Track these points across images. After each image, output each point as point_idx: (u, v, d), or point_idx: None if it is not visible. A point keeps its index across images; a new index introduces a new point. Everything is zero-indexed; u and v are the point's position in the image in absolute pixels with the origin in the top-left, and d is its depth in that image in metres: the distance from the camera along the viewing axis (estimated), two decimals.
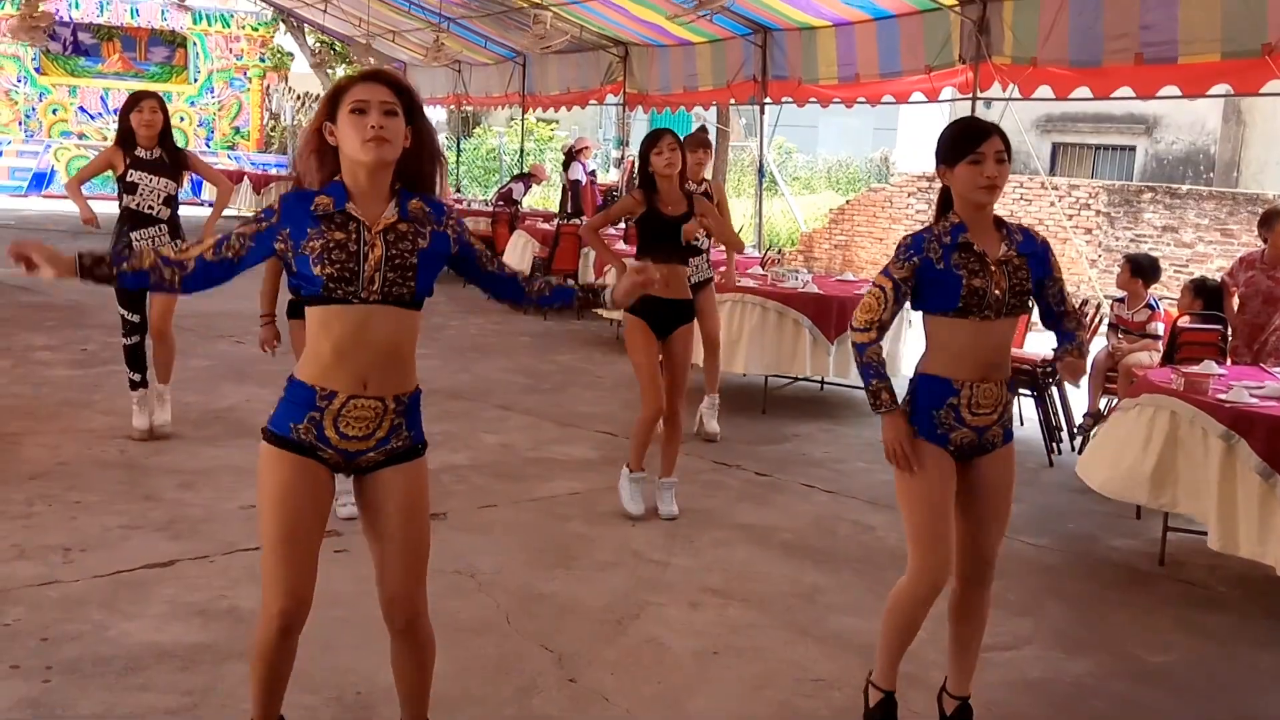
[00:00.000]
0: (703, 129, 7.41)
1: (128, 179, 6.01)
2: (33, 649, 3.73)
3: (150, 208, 6.06)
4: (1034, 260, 3.24)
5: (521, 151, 19.57)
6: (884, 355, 3.27)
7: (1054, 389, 7.13)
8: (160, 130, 6.05)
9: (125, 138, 6.03)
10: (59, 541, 4.70)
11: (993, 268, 3.15)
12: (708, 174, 7.68)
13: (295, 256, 2.66)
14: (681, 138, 7.21)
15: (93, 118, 23.22)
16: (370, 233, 2.66)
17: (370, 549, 2.84)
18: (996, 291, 3.14)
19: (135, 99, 6.07)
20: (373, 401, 2.69)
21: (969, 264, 3.14)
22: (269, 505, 2.72)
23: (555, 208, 17.13)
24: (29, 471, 5.59)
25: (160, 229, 6.09)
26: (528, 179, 15.69)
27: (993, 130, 3.14)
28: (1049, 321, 3.39)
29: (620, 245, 8.89)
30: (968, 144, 3.12)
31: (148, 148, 6.04)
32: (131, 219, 6.07)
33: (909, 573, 3.25)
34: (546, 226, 12.03)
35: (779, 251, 14.81)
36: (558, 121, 30.48)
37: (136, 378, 6.22)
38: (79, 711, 3.35)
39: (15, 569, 4.40)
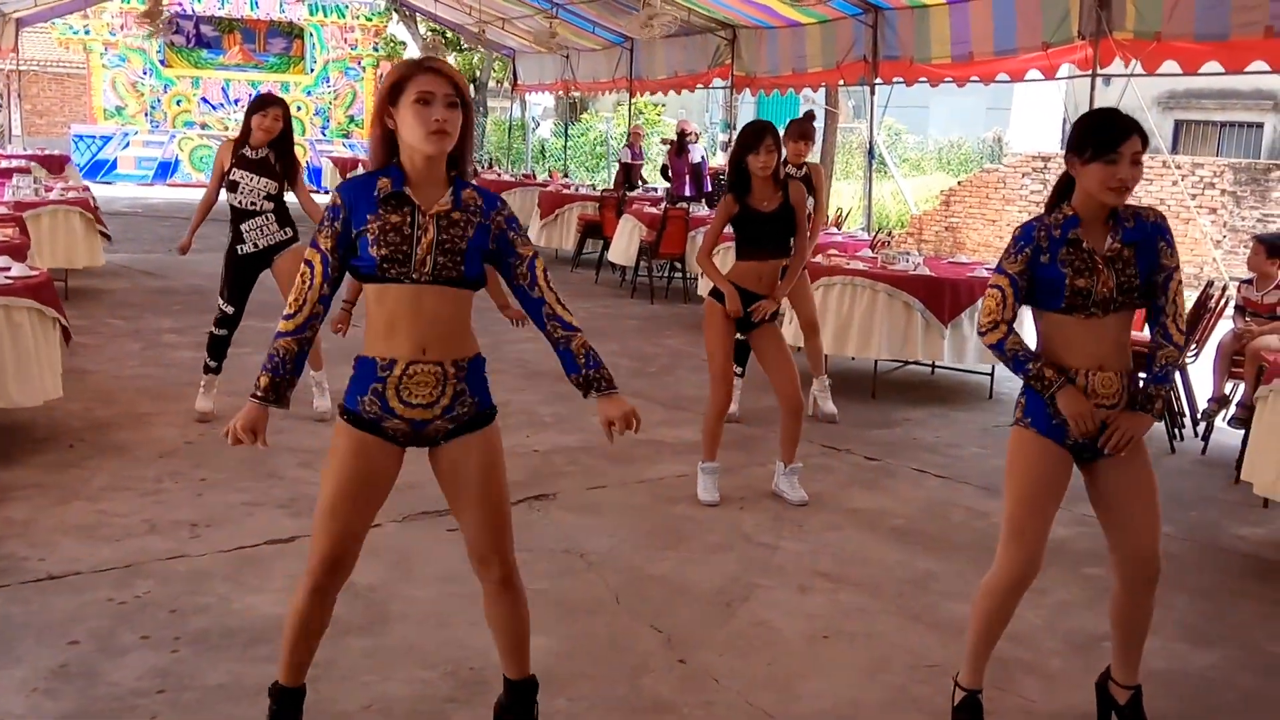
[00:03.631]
0: (810, 115, 7.29)
1: (230, 176, 6.07)
2: (162, 620, 3.87)
3: (253, 204, 6.12)
4: (1143, 250, 3.07)
5: (627, 136, 19.61)
6: (1024, 341, 3.15)
7: (1177, 373, 6.92)
8: (275, 137, 6.07)
9: (242, 135, 6.13)
10: (186, 517, 4.87)
11: (1101, 266, 3.03)
12: (814, 159, 7.62)
13: (357, 239, 2.78)
14: (787, 122, 7.15)
15: (215, 108, 23.93)
16: (424, 217, 2.76)
17: (455, 517, 2.96)
18: (1104, 290, 3.03)
19: (263, 102, 6.09)
20: (432, 366, 2.79)
21: (1075, 261, 3.03)
22: (328, 476, 2.87)
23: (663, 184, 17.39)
24: (158, 450, 5.80)
25: (266, 218, 6.15)
26: (631, 146, 16.28)
27: (1134, 129, 2.99)
28: (1149, 318, 3.18)
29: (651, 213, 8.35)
30: (1106, 141, 2.98)
31: (255, 147, 6.09)
32: (237, 214, 6.14)
33: (996, 563, 3.18)
34: (654, 210, 12.02)
35: (889, 234, 14.64)
36: (664, 105, 30.53)
37: (213, 365, 6.38)
38: (206, 681, 3.47)
39: (146, 543, 4.57)
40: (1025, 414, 3.18)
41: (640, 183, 16.41)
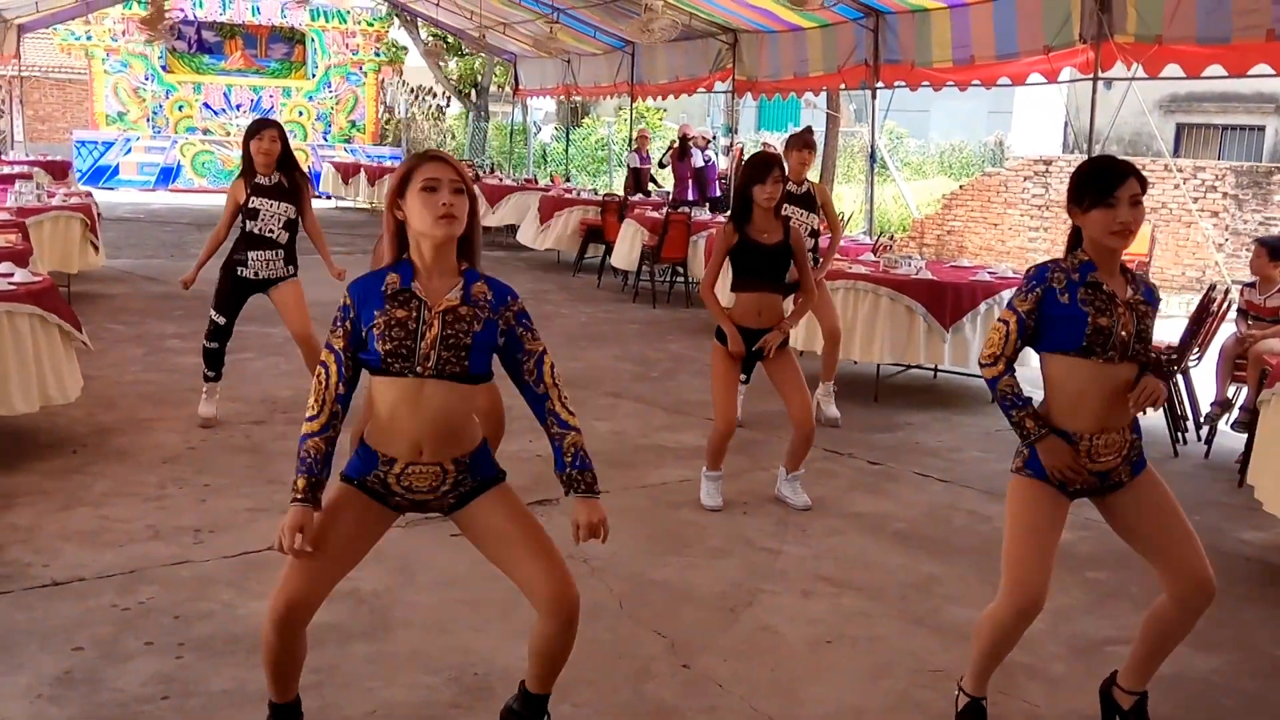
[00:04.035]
0: (809, 129, 7.31)
1: (250, 205, 6.14)
2: (166, 627, 3.87)
3: (271, 231, 6.18)
4: (1153, 311, 3.14)
5: (629, 141, 19.63)
6: (1019, 385, 3.17)
7: (1179, 377, 6.92)
8: (278, 157, 6.14)
9: (247, 166, 6.19)
10: (190, 523, 4.87)
11: (1120, 309, 3.04)
12: (814, 175, 7.59)
13: (366, 335, 2.81)
14: (786, 138, 7.16)
15: (216, 114, 23.94)
16: (430, 312, 2.79)
17: (506, 573, 2.96)
18: (1123, 333, 3.03)
19: (256, 127, 6.16)
20: (431, 467, 2.85)
21: (1096, 301, 3.04)
22: (322, 526, 2.85)
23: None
24: (161, 456, 5.80)
25: (276, 253, 6.22)
26: (638, 151, 16.26)
27: (1129, 173, 3.02)
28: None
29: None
30: (1102, 187, 3.00)
31: (266, 174, 6.16)
32: (249, 240, 6.19)
33: (999, 595, 3.17)
34: (655, 215, 12.03)
35: (890, 238, 14.63)
36: (665, 109, 30.54)
37: (211, 374, 6.41)
38: (210, 688, 3.47)
39: (149, 549, 4.57)
40: (1026, 465, 3.18)
41: (653, 184, 16.47)
